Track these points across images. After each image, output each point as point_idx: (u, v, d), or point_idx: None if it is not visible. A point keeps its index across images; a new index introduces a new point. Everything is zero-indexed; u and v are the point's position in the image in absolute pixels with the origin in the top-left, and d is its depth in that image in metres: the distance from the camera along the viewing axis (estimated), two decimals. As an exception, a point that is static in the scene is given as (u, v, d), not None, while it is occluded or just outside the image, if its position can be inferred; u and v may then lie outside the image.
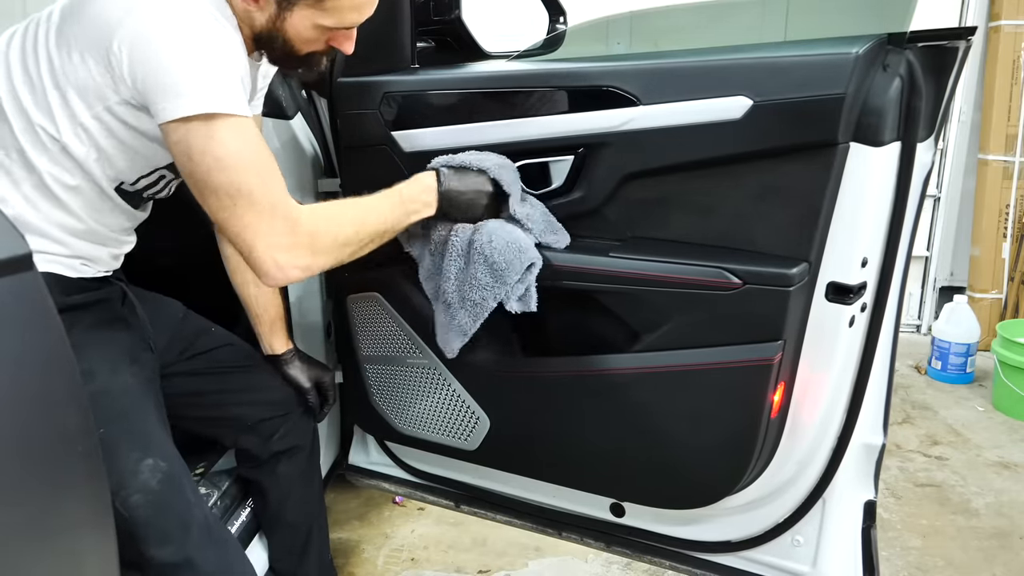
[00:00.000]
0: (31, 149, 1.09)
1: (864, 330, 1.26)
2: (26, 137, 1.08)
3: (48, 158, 1.09)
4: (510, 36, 1.93)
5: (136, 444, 1.13)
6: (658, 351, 1.26)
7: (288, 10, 1.10)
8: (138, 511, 1.10)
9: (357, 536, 2.07)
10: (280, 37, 1.13)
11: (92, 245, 1.19)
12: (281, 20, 1.11)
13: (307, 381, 1.50)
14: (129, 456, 1.12)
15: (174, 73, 1.00)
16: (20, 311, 0.72)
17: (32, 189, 1.11)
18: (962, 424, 2.76)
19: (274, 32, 1.13)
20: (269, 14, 1.11)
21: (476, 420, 1.47)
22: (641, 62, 1.28)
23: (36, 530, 0.74)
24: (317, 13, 1.11)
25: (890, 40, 1.12)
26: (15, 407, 0.71)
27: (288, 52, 1.16)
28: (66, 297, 1.13)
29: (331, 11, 1.11)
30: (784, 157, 1.14)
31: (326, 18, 1.11)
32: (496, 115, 1.33)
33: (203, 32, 1.04)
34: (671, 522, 1.46)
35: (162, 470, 1.13)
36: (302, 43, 1.15)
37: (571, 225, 1.32)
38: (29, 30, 1.10)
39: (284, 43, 1.14)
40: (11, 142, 1.09)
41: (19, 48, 1.10)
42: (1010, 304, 3.33)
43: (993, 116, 3.28)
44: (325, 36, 1.15)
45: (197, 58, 1.02)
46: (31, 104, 1.07)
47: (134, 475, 1.11)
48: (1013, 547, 2.05)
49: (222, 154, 1.02)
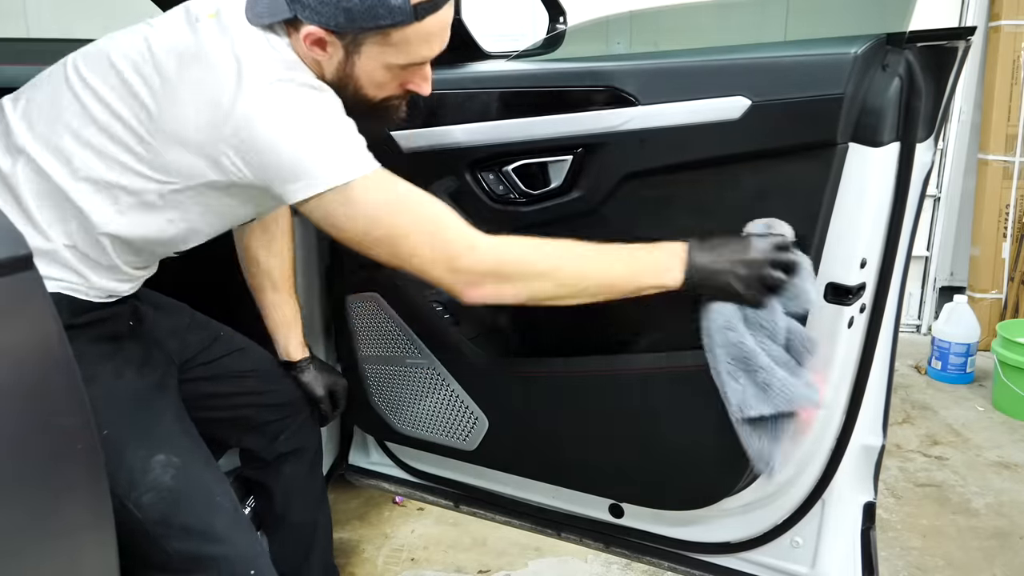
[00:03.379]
0: (96, 198, 1.06)
1: (863, 331, 1.26)
2: (95, 186, 1.06)
3: (115, 210, 1.07)
4: (510, 36, 1.93)
5: (143, 443, 1.12)
6: (657, 352, 1.26)
7: (356, 53, 1.05)
8: (153, 509, 1.09)
9: (357, 536, 2.07)
10: (351, 84, 1.08)
11: (113, 283, 1.16)
12: (351, 65, 1.06)
13: (321, 389, 1.49)
14: (136, 455, 1.11)
15: (293, 159, 0.99)
16: (20, 311, 0.72)
17: (78, 230, 1.08)
18: (962, 424, 2.76)
19: (345, 79, 1.08)
20: (338, 61, 1.06)
21: (475, 420, 1.47)
22: (640, 62, 1.28)
23: (35, 530, 0.74)
24: (386, 50, 1.05)
25: (889, 40, 1.12)
26: (15, 407, 0.71)
27: (362, 99, 1.11)
28: (73, 317, 1.11)
29: (399, 45, 1.04)
30: (783, 157, 1.14)
31: (396, 55, 1.05)
32: (495, 115, 1.33)
33: (304, 104, 1.02)
34: (670, 523, 1.46)
35: (175, 465, 1.12)
36: (375, 88, 1.10)
37: (570, 225, 1.32)
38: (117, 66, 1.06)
39: (356, 90, 1.09)
40: (68, 186, 1.06)
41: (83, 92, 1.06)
42: (1010, 304, 3.32)
43: (993, 116, 3.28)
44: (398, 78, 1.10)
45: (309, 135, 1.00)
46: (104, 153, 1.05)
47: (144, 474, 1.10)
48: (1013, 547, 2.05)
49: (368, 213, 1.02)
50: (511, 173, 1.34)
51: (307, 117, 1.02)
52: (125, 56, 1.06)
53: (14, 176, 1.07)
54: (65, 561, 0.80)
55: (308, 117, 1.02)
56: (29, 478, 0.74)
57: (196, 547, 1.12)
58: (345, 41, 1.04)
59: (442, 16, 1.06)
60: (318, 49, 1.05)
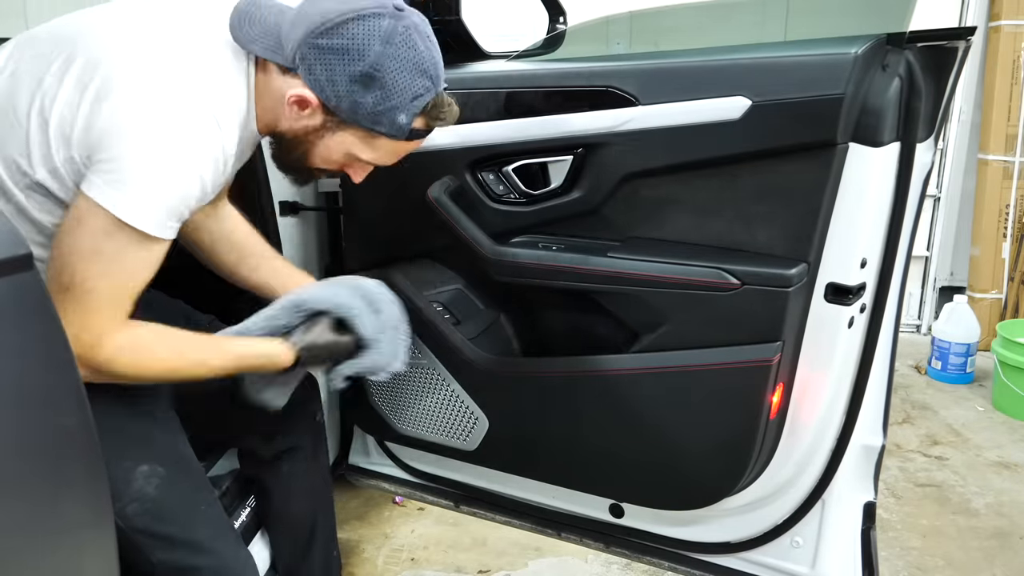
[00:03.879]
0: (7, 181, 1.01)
1: (863, 331, 1.26)
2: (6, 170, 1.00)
3: (22, 189, 1.01)
4: (510, 36, 1.93)
5: (127, 453, 1.11)
6: (656, 352, 1.26)
7: (330, 132, 1.05)
8: (137, 520, 1.08)
9: (357, 536, 2.07)
10: (303, 147, 1.08)
11: None
12: (317, 136, 1.06)
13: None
14: (120, 466, 1.09)
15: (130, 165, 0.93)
16: (20, 311, 0.72)
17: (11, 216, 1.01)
18: (962, 424, 2.76)
19: (299, 141, 1.07)
20: (308, 126, 1.05)
21: (475, 420, 1.47)
22: (640, 62, 1.28)
23: (35, 529, 0.74)
24: (360, 145, 1.06)
25: (889, 40, 1.12)
26: (15, 406, 0.71)
27: (299, 159, 1.10)
28: None
29: (375, 149, 1.07)
30: (783, 157, 1.14)
31: (365, 152, 1.07)
32: (496, 115, 1.33)
33: (186, 140, 0.96)
34: (670, 523, 1.46)
35: (159, 475, 1.11)
36: (321, 159, 1.10)
37: (570, 225, 1.32)
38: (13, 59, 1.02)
39: (303, 153, 1.09)
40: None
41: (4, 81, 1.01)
42: (1010, 304, 3.32)
43: (993, 116, 3.27)
44: (347, 163, 1.11)
45: (162, 167, 0.95)
46: (11, 137, 0.99)
47: (127, 484, 1.09)
48: (1013, 547, 2.05)
49: (101, 253, 0.96)
50: (511, 173, 1.34)
51: (175, 143, 0.96)
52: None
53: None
54: (65, 561, 0.80)
55: (176, 143, 0.96)
56: (29, 478, 0.74)
57: (180, 557, 1.11)
58: (329, 119, 1.04)
59: (416, 144, 1.11)
60: (296, 109, 1.03)
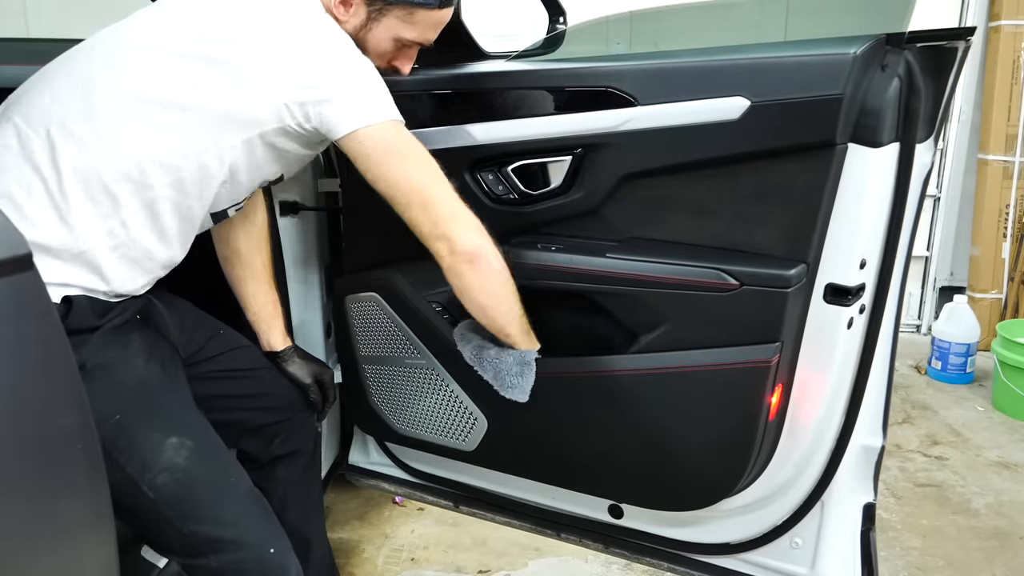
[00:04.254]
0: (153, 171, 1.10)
1: (863, 332, 1.26)
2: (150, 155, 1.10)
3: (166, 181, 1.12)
4: (510, 36, 1.93)
5: (156, 426, 1.13)
6: (655, 352, 1.26)
7: (376, 21, 1.18)
8: (166, 490, 1.09)
9: (357, 536, 2.07)
10: (358, 46, 1.17)
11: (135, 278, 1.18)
12: (366, 30, 1.18)
13: (307, 377, 1.49)
14: (150, 437, 1.11)
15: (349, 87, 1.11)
16: (20, 311, 0.72)
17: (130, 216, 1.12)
18: (962, 424, 2.76)
19: (355, 41, 1.17)
20: (356, 23, 1.19)
21: (474, 421, 1.47)
22: (639, 62, 1.28)
23: (35, 529, 0.74)
24: (403, 25, 1.20)
25: (889, 40, 1.12)
26: (15, 406, 0.71)
27: None
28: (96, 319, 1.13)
29: (417, 24, 1.20)
30: (782, 158, 1.14)
31: (409, 31, 1.21)
32: (495, 115, 1.33)
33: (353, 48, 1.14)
34: (669, 524, 1.46)
35: (188, 447, 1.12)
36: (375, 56, 1.21)
37: (569, 226, 1.32)
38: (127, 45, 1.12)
39: None
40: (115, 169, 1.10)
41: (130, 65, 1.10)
42: (1010, 304, 3.32)
43: (993, 116, 3.28)
44: (394, 54, 1.24)
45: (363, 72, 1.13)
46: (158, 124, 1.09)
47: (158, 455, 1.10)
48: (1013, 547, 2.05)
49: (407, 152, 1.15)
50: (511, 173, 1.34)
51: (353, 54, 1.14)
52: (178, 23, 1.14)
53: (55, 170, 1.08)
54: (65, 561, 0.80)
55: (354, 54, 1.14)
56: (29, 478, 0.74)
57: (210, 529, 1.11)
58: (371, 8, 1.18)
59: (449, 12, 1.24)
60: (341, 8, 1.16)
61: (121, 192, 1.10)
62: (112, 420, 1.08)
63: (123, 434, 1.09)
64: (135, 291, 1.20)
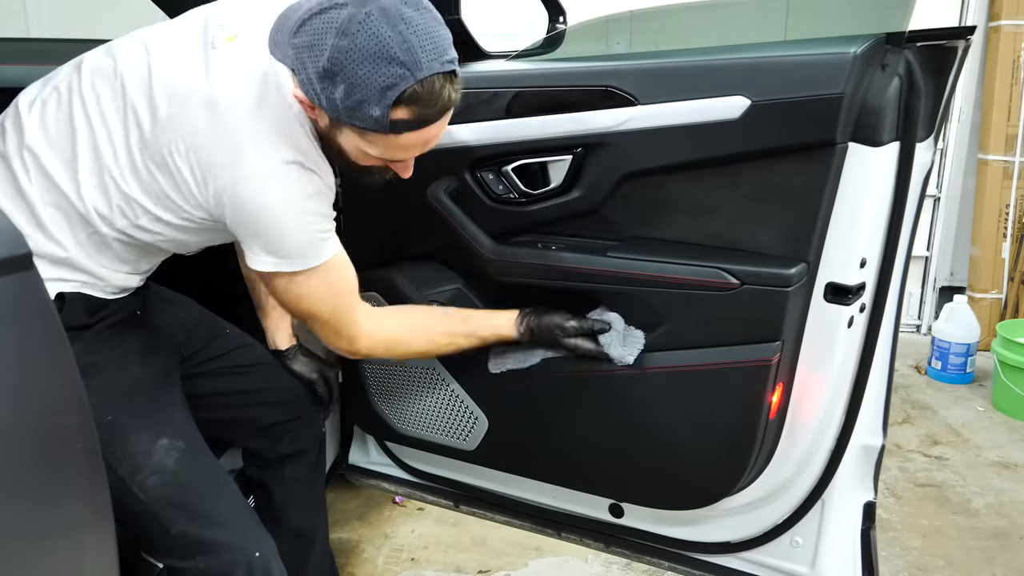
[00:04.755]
0: (102, 211, 1.10)
1: (863, 331, 1.26)
2: (101, 201, 1.09)
3: (119, 226, 1.11)
4: (510, 36, 1.93)
5: (147, 427, 1.13)
6: (656, 351, 1.26)
7: (338, 128, 1.07)
8: (157, 491, 1.10)
9: (357, 536, 2.07)
10: (335, 147, 1.11)
11: (129, 277, 1.19)
12: (335, 134, 1.08)
13: (313, 373, 1.50)
14: (140, 439, 1.12)
15: (270, 239, 1.08)
16: (20, 311, 0.72)
17: (88, 239, 1.11)
18: (962, 424, 2.76)
19: (330, 141, 1.10)
20: (324, 125, 1.08)
21: (475, 420, 1.47)
22: (639, 62, 1.28)
23: (35, 529, 0.74)
24: (360, 140, 1.06)
25: (889, 40, 1.12)
26: (15, 406, 0.71)
27: (344, 160, 1.13)
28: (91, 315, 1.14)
29: (376, 144, 1.06)
30: (782, 157, 1.14)
31: (371, 148, 1.07)
32: (495, 115, 1.33)
33: (299, 193, 1.07)
34: (670, 523, 1.46)
35: (179, 449, 1.13)
36: (356, 157, 1.12)
37: (570, 225, 1.32)
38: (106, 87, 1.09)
39: (340, 152, 1.11)
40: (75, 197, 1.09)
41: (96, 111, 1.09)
42: (1010, 304, 3.32)
43: (993, 116, 3.27)
44: (376, 160, 1.12)
45: (293, 226, 1.08)
46: (110, 183, 1.08)
47: (148, 456, 1.11)
48: (1013, 547, 2.05)
49: (301, 294, 1.15)
50: (511, 173, 1.34)
51: (296, 210, 1.08)
52: (129, 74, 1.09)
53: (28, 182, 1.09)
54: (65, 561, 0.80)
55: (296, 209, 1.08)
56: (29, 478, 0.74)
57: (200, 530, 1.12)
58: (330, 118, 1.05)
59: (424, 134, 1.05)
60: (307, 109, 1.06)
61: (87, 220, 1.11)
62: (104, 421, 1.08)
63: (114, 435, 1.09)
64: (130, 285, 1.20)
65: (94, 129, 1.08)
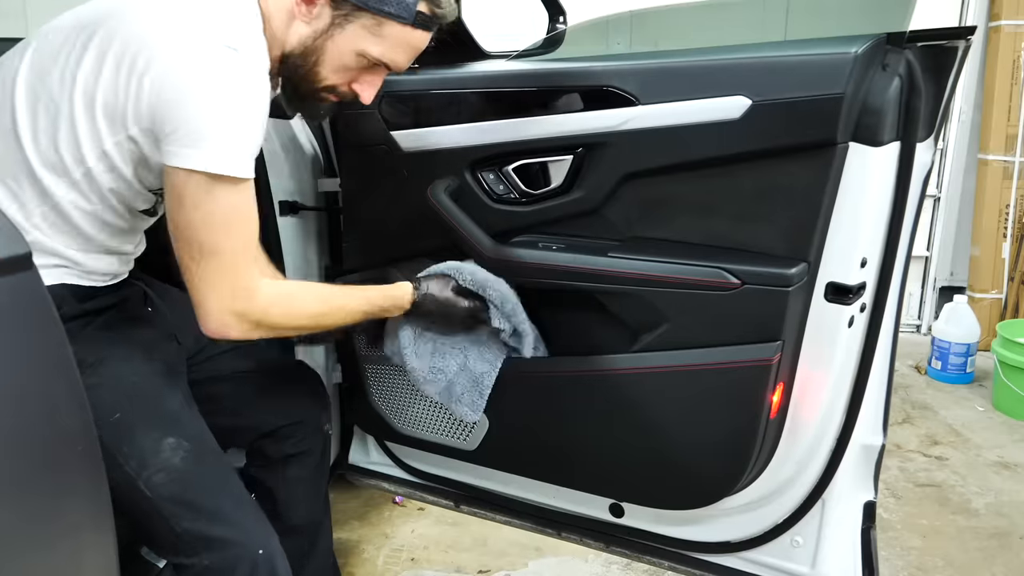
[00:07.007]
0: (48, 175, 1.06)
1: (863, 330, 1.26)
2: (44, 164, 1.05)
3: (67, 184, 1.07)
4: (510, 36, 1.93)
5: (154, 425, 1.13)
6: (657, 351, 1.26)
7: (340, 28, 1.06)
8: (163, 489, 1.10)
9: (357, 536, 2.07)
10: (314, 57, 1.09)
11: (102, 257, 1.17)
12: (326, 38, 1.07)
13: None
14: (147, 436, 1.12)
15: (198, 124, 0.98)
16: (20, 311, 0.72)
17: (43, 217, 1.08)
18: (962, 424, 2.76)
19: (311, 50, 1.08)
20: (316, 28, 1.07)
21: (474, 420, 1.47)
22: (640, 62, 1.28)
23: (35, 530, 0.74)
24: (369, 37, 1.07)
25: (889, 40, 1.12)
26: (15, 407, 0.71)
27: (311, 77, 1.11)
28: (80, 304, 1.13)
29: (385, 39, 1.07)
30: (783, 157, 1.14)
31: (375, 45, 1.08)
32: (495, 115, 1.33)
33: (238, 85, 1.00)
34: (670, 522, 1.46)
35: (185, 448, 1.13)
36: (333, 71, 1.10)
37: (570, 225, 1.32)
38: (36, 51, 1.06)
39: (314, 65, 1.09)
40: (22, 169, 1.06)
41: (29, 71, 1.05)
42: (1010, 304, 3.33)
43: (993, 116, 3.28)
44: (355, 72, 1.12)
45: (226, 114, 0.99)
46: (53, 128, 1.04)
47: (155, 454, 1.11)
48: (1013, 547, 2.05)
49: (213, 212, 1.01)
50: (511, 173, 1.34)
51: (232, 99, 0.99)
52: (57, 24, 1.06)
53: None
54: (65, 561, 0.80)
55: (232, 99, 0.99)
56: (29, 478, 0.74)
57: (205, 527, 1.12)
58: (336, 12, 1.06)
59: (426, 36, 1.11)
60: (304, 7, 1.05)
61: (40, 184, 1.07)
62: (111, 418, 1.08)
63: (122, 432, 1.10)
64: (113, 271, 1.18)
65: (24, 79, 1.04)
